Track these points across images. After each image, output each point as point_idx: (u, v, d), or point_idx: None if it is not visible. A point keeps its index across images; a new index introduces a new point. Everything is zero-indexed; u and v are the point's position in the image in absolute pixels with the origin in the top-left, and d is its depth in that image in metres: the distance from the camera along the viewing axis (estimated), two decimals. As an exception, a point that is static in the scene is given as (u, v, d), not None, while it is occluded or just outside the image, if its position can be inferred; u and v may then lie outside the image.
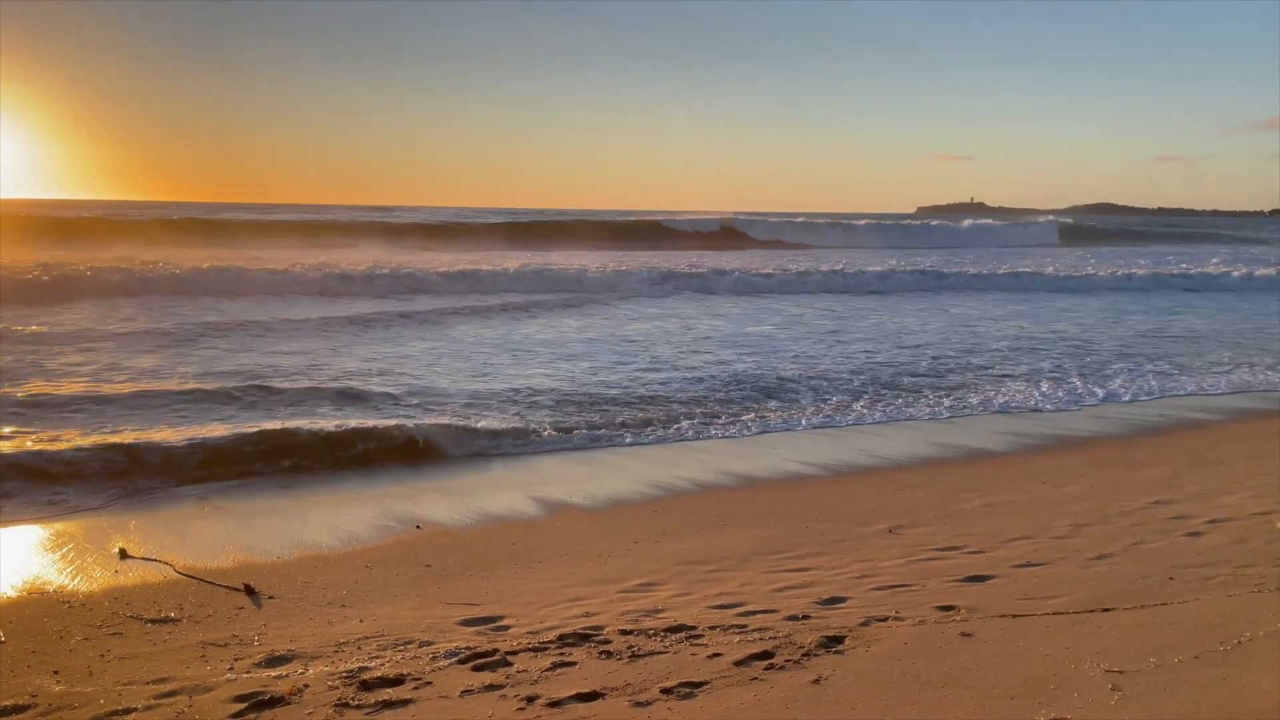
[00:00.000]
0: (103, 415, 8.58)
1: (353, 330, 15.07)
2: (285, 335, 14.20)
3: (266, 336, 14.06)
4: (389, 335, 14.77)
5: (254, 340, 13.65)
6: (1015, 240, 55.99)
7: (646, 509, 6.74)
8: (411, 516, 6.48)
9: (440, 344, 13.94)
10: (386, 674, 3.96)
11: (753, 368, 12.15)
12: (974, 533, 6.02)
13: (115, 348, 12.55)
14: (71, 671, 4.07)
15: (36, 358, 11.59)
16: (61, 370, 10.86)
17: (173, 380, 10.37)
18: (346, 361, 12.12)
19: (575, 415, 9.26)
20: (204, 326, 14.71)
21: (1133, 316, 19.48)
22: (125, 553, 5.58)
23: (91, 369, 10.97)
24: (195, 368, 11.29)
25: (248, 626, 4.59)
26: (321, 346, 13.32)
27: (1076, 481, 7.33)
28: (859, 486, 7.28)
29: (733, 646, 4.17)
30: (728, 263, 29.07)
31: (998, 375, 12.08)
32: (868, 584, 5.05)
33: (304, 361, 12.01)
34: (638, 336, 15.24)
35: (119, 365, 11.28)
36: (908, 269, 28.11)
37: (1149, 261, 34.27)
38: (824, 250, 43.79)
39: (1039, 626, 4.35)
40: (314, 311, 17.12)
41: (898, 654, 4.07)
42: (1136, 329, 17.28)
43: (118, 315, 15.90)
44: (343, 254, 30.25)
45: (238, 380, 10.35)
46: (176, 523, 6.27)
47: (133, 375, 10.67)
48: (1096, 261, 34.37)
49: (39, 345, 12.58)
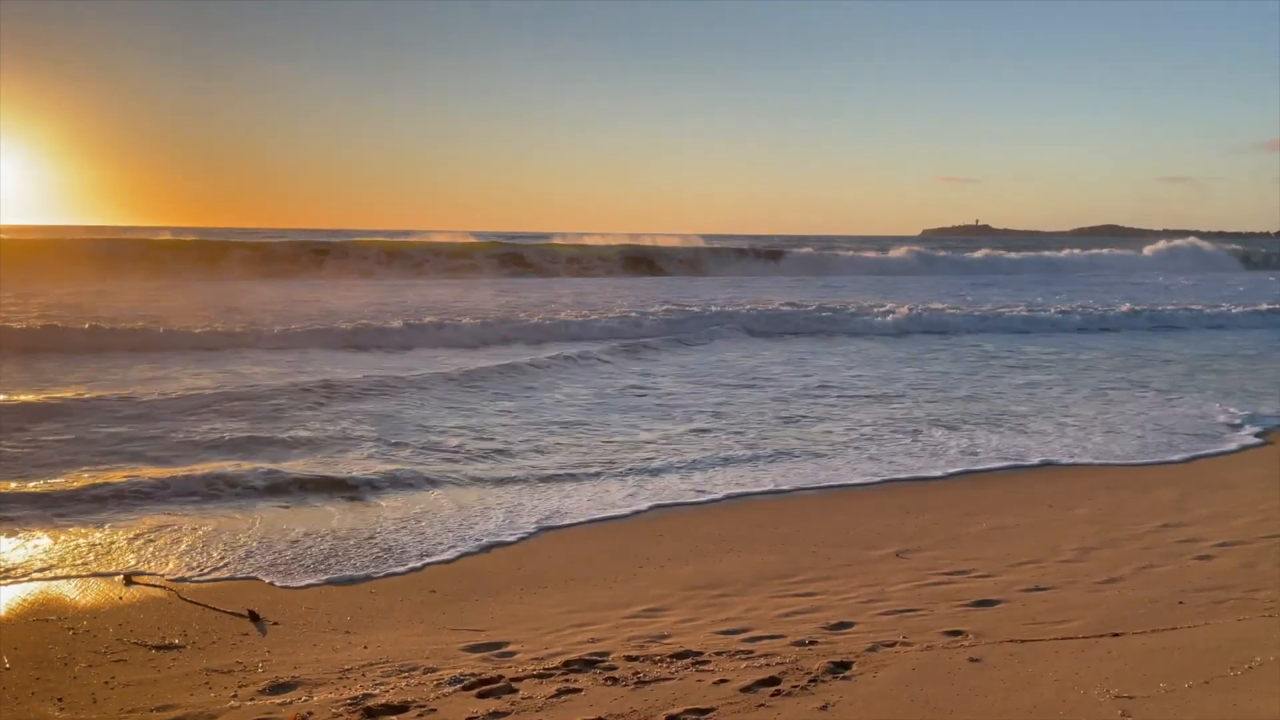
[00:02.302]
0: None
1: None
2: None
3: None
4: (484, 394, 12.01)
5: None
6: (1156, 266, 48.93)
7: (652, 533, 6.72)
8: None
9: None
10: (391, 701, 3.94)
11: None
12: (981, 557, 5.99)
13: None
14: (75, 699, 4.06)
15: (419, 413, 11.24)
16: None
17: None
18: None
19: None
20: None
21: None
22: (130, 579, 5.56)
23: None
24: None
25: (252, 653, 4.58)
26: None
27: (1084, 504, 7.30)
28: (864, 510, 7.26)
29: (739, 672, 4.15)
30: (822, 294, 27.11)
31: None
32: (875, 609, 5.03)
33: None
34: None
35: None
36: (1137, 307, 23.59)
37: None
38: (900, 281, 37.98)
39: (1048, 651, 4.32)
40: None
41: (906, 680, 4.04)
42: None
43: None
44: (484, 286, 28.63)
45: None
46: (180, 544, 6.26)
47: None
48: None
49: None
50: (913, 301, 24.46)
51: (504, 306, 22.76)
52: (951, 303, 25.21)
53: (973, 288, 33.62)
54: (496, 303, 24.03)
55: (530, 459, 8.57)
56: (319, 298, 24.76)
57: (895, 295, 27.87)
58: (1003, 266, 46.99)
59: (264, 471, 7.64)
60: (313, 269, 34.96)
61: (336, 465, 8.09)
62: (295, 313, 20.23)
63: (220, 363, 13.93)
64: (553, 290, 29.33)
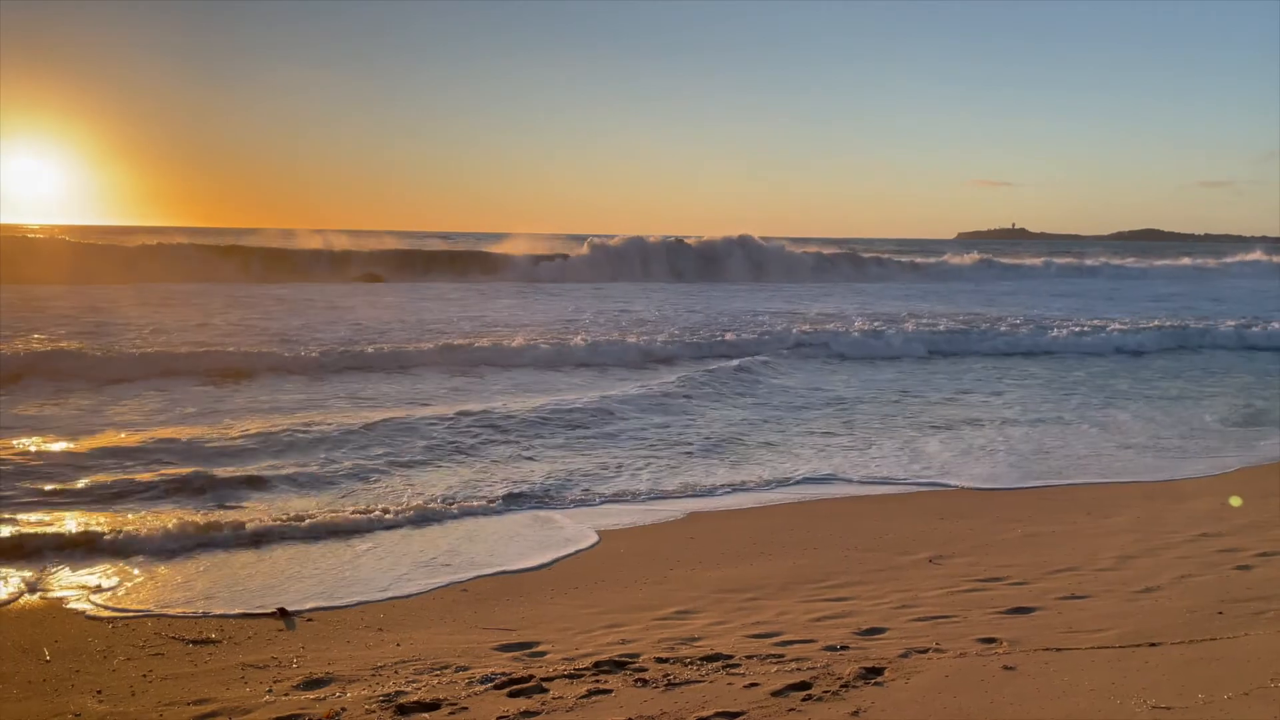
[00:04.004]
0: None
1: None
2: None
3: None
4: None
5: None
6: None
7: (683, 536, 6.71)
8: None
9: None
10: (423, 698, 3.97)
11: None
12: (1016, 564, 5.92)
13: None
14: (114, 691, 4.12)
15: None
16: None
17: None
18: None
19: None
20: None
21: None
22: (284, 611, 5.20)
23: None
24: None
25: (286, 649, 4.63)
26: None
27: (1121, 512, 7.20)
28: (897, 515, 7.21)
29: (770, 676, 4.13)
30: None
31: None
32: (907, 614, 4.99)
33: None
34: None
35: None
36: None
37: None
38: (981, 288, 35.83)
39: (1083, 661, 4.26)
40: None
41: (938, 687, 4.00)
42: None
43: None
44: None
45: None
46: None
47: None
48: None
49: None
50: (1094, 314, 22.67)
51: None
52: (1131, 313, 23.37)
53: (1115, 298, 30.89)
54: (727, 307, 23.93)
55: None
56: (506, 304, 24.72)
57: (1043, 305, 26.41)
58: (1105, 274, 45.24)
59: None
60: (454, 274, 34.47)
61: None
62: (538, 321, 19.72)
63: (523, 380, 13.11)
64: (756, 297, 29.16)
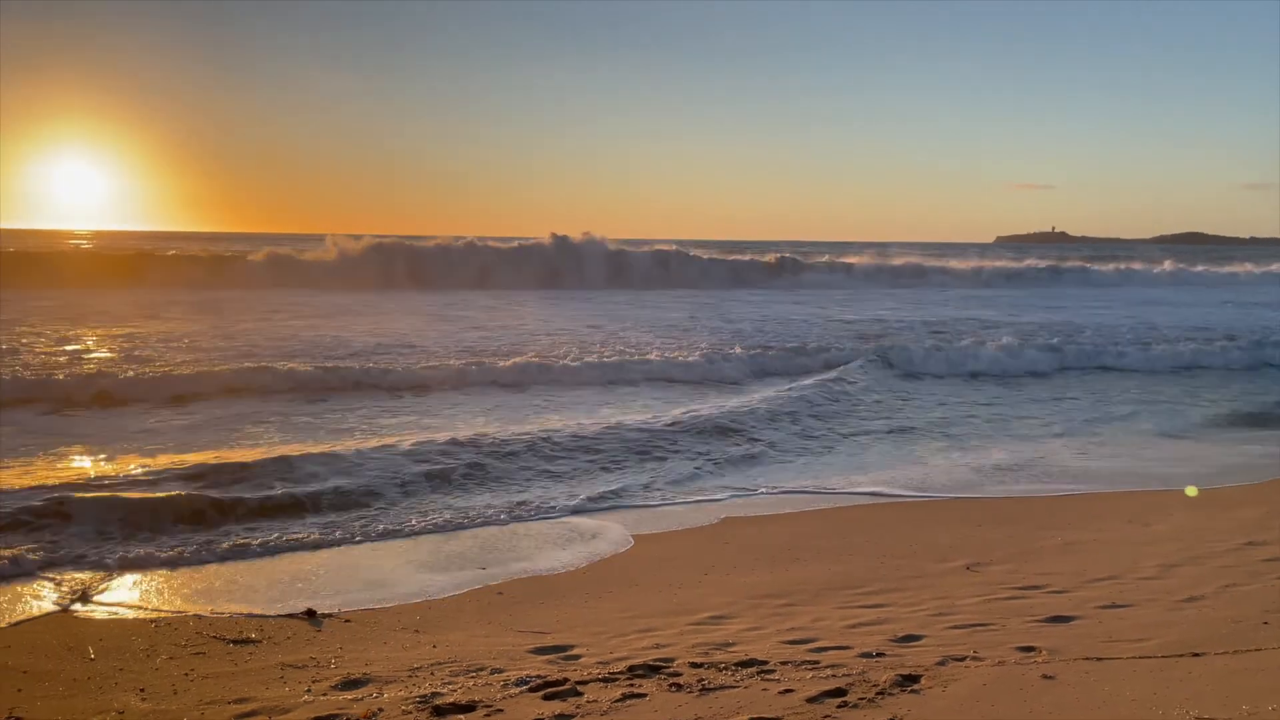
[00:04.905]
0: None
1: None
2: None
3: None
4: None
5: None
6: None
7: (717, 540, 6.71)
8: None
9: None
10: (459, 700, 3.99)
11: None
12: (1055, 572, 5.85)
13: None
14: (156, 689, 4.19)
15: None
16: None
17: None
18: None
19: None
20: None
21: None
22: (312, 612, 5.23)
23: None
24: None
25: (325, 649, 4.68)
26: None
27: (1163, 520, 7.09)
28: (933, 522, 7.14)
29: (805, 683, 4.11)
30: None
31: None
32: (944, 622, 4.94)
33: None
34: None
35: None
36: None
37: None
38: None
39: (1125, 670, 4.20)
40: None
41: (976, 695, 3.96)
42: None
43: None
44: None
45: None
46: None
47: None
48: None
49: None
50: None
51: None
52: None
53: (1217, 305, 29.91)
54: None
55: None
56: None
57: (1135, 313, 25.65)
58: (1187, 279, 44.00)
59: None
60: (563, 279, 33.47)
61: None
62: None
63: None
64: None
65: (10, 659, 4.53)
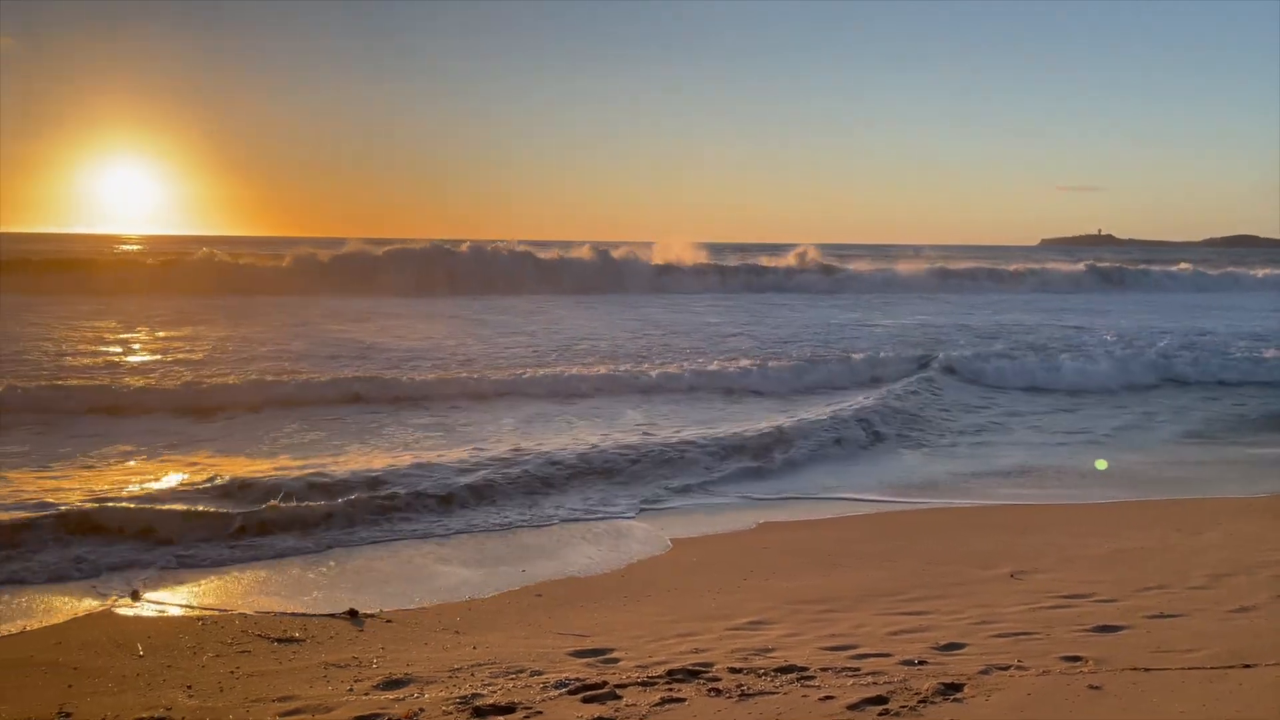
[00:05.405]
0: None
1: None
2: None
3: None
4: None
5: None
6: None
7: (755, 545, 6.68)
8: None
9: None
10: (498, 701, 4.01)
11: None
12: (1102, 580, 5.75)
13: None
14: (203, 687, 4.26)
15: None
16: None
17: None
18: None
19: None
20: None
21: None
22: (354, 612, 5.25)
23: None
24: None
25: (367, 649, 4.72)
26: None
27: (1214, 529, 6.95)
28: (976, 529, 7.06)
29: (846, 690, 4.08)
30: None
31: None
32: (987, 630, 4.88)
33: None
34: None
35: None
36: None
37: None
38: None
39: (1173, 681, 4.12)
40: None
41: (1020, 705, 3.91)
42: None
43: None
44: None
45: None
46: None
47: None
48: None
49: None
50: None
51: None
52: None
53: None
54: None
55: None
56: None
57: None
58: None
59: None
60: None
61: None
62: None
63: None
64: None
65: (61, 656, 4.63)
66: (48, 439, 9.28)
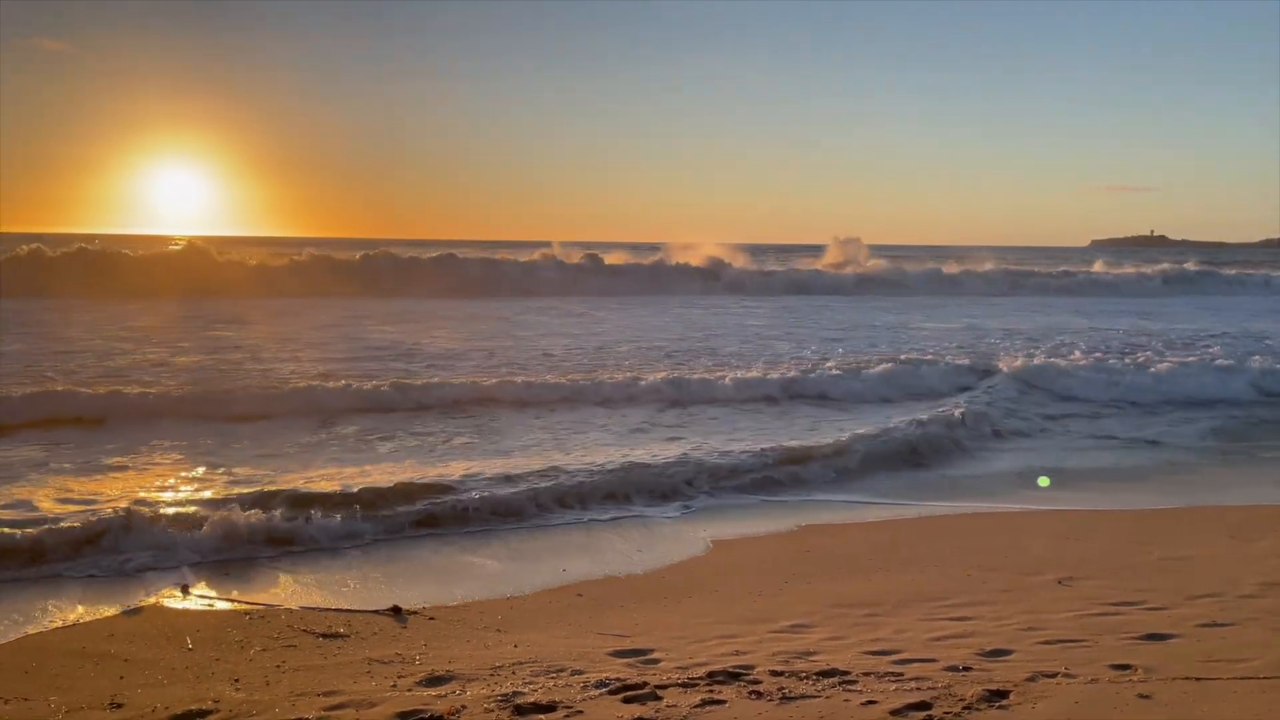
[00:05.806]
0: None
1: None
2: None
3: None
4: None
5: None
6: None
7: (797, 547, 6.64)
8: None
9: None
10: (539, 700, 4.03)
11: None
12: (1153, 588, 5.64)
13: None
14: (250, 680, 4.32)
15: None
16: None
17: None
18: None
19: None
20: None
21: None
22: (398, 609, 5.33)
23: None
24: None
25: (410, 646, 4.77)
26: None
27: (1267, 536, 6.78)
28: (1024, 534, 6.96)
29: (888, 695, 4.04)
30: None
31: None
32: (1034, 637, 4.81)
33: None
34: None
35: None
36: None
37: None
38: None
39: (1225, 691, 4.03)
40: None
41: (1068, 712, 3.84)
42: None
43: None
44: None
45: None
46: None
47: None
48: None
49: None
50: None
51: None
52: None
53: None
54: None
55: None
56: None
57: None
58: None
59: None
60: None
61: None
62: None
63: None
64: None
65: (113, 647, 4.73)
66: (92, 441, 9.48)
